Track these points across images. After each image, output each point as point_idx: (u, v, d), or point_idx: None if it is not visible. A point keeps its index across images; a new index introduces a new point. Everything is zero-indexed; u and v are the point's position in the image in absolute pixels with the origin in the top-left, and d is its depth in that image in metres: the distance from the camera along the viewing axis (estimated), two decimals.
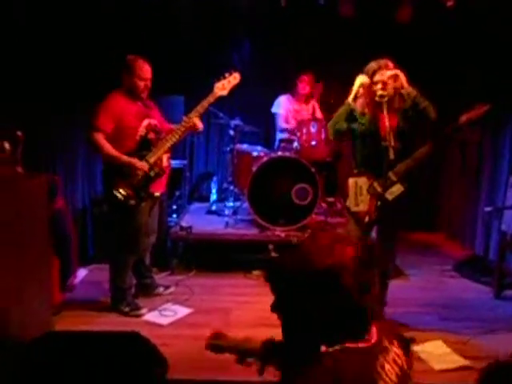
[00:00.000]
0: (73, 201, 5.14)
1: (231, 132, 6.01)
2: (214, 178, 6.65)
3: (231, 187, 6.10)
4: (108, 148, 3.92)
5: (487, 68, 5.57)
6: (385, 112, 3.65)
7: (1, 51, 4.34)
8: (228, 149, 6.16)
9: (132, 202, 4.00)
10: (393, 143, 3.64)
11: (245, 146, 6.11)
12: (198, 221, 5.76)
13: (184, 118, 4.15)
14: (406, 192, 3.76)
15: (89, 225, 5.43)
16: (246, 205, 5.65)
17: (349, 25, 6.07)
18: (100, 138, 3.90)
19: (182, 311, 4.32)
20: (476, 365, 3.33)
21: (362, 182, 3.82)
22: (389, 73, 3.68)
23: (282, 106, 6.24)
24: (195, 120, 4.12)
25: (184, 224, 5.45)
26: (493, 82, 5.39)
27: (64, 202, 4.46)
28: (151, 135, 4.09)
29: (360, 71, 3.81)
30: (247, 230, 5.55)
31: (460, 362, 3.52)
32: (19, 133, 3.50)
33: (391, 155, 3.65)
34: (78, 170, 5.42)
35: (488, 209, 5.15)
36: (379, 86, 3.69)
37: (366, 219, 3.81)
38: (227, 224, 5.64)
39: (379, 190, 3.78)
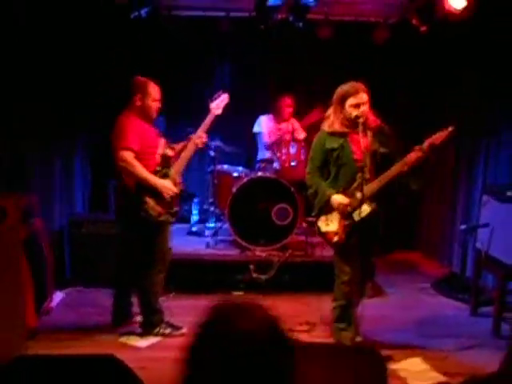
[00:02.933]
0: (49, 221, 5.07)
1: (211, 153, 6.02)
2: (195, 199, 6.62)
3: (212, 208, 6.09)
4: (141, 168, 3.95)
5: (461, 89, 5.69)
6: (360, 133, 3.67)
7: None
8: (209, 169, 6.16)
9: (163, 218, 4.05)
10: (368, 163, 3.68)
11: (225, 167, 6.11)
12: (179, 241, 5.71)
13: (193, 135, 4.23)
14: (375, 212, 3.76)
15: (66, 246, 5.36)
16: (226, 225, 5.65)
17: (328, 47, 6.16)
18: (132, 158, 3.93)
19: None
20: (454, 381, 3.24)
21: (333, 201, 3.80)
22: (365, 96, 3.73)
23: (264, 124, 6.26)
24: (203, 134, 4.24)
25: None
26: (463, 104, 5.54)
27: (41, 223, 4.40)
28: (170, 153, 4.17)
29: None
30: (228, 250, 5.54)
31: (438, 378, 3.55)
32: None
33: (367, 175, 3.69)
34: (56, 189, 5.36)
35: (463, 227, 5.21)
36: (355, 108, 3.71)
37: (335, 239, 3.82)
38: (208, 245, 5.63)
39: (349, 209, 3.78)
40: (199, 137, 4.21)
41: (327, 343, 3.71)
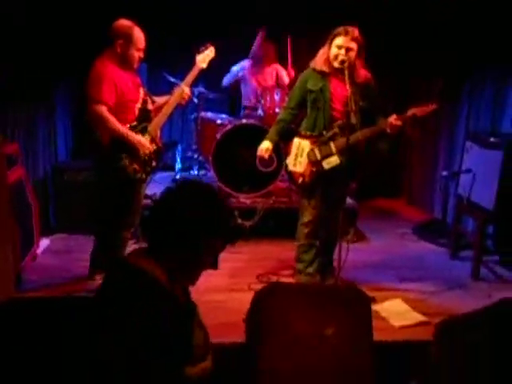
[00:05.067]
0: (34, 170, 5.03)
1: (195, 100, 5.96)
2: (179, 147, 6.59)
3: (196, 155, 6.08)
4: (115, 122, 3.68)
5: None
6: (346, 78, 3.66)
7: None
8: (192, 117, 6.12)
9: (139, 175, 3.88)
10: (354, 107, 3.65)
11: (209, 114, 6.06)
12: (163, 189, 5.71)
13: (175, 89, 4.04)
14: (344, 166, 3.81)
15: (51, 194, 5.34)
16: (210, 173, 5.64)
17: None
18: (105, 112, 3.64)
19: None
20: (434, 321, 3.38)
21: (305, 145, 3.89)
22: (352, 44, 3.68)
23: (242, 68, 6.16)
24: (186, 89, 4.01)
25: (149, 193, 5.40)
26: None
27: (23, 170, 4.37)
28: (149, 106, 3.94)
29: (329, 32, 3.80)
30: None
31: (419, 318, 3.65)
32: None
33: (353, 119, 3.68)
34: (39, 138, 5.28)
35: (445, 173, 5.25)
36: (342, 51, 3.69)
37: (300, 181, 3.92)
38: None
39: (318, 157, 3.86)
40: (182, 91, 3.98)
41: (311, 283, 3.83)
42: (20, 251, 4.08)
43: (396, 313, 3.70)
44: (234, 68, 6.19)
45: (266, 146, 4.02)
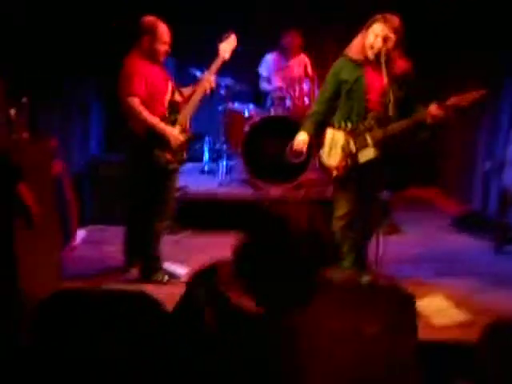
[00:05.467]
0: (69, 162, 5.12)
1: (222, 91, 5.99)
2: (206, 138, 6.64)
3: (224, 147, 6.12)
4: (147, 114, 3.82)
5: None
6: (382, 68, 3.56)
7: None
8: (220, 108, 6.14)
9: (172, 166, 3.98)
10: (391, 98, 3.59)
11: (236, 105, 6.09)
12: (192, 181, 5.80)
13: (201, 79, 4.12)
14: (381, 158, 3.74)
15: (85, 187, 5.43)
16: (239, 164, 5.69)
17: None
18: (137, 104, 3.79)
19: (180, 271, 4.34)
20: (478, 320, 3.26)
21: (339, 136, 3.78)
22: (390, 34, 3.56)
23: (268, 65, 6.20)
24: (211, 78, 4.08)
25: (178, 184, 5.48)
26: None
27: (62, 165, 4.46)
28: (178, 98, 4.04)
29: (357, 28, 3.73)
30: (241, 189, 5.60)
31: (462, 316, 3.47)
32: (24, 99, 3.48)
33: (390, 111, 3.61)
34: (73, 131, 5.39)
35: (488, 164, 5.09)
36: (378, 39, 3.58)
37: (334, 173, 3.83)
38: (221, 183, 5.69)
39: (353, 149, 3.75)
40: (207, 80, 4.05)
41: (347, 279, 3.79)
42: (61, 244, 4.18)
43: (437, 310, 3.53)
44: (268, 57, 6.20)
45: (302, 137, 3.91)
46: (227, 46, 4.12)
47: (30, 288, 3.01)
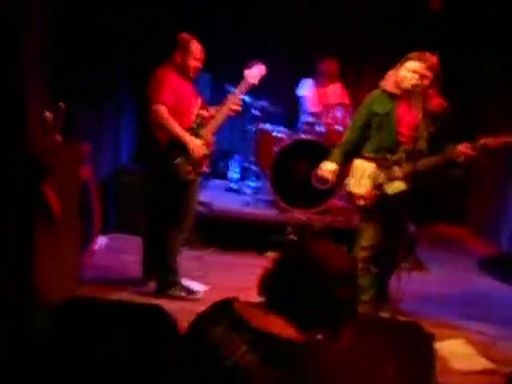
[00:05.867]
0: (98, 169, 5.17)
1: (256, 112, 6.01)
2: (235, 157, 6.65)
3: (253, 166, 6.11)
4: (173, 123, 3.89)
5: None
6: (416, 103, 3.60)
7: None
8: (252, 128, 6.15)
9: (191, 176, 4.02)
10: (423, 133, 3.61)
11: (268, 126, 6.08)
12: (217, 198, 5.80)
13: (227, 99, 4.18)
14: (409, 192, 3.74)
15: (111, 194, 5.45)
16: (266, 185, 5.68)
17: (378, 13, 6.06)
18: (164, 112, 3.86)
19: (197, 288, 4.30)
20: (500, 370, 3.19)
21: (368, 167, 3.82)
22: (427, 71, 3.61)
23: (308, 88, 6.22)
24: (236, 99, 4.15)
25: (203, 200, 5.48)
26: None
27: (90, 171, 4.48)
28: (204, 113, 4.11)
29: (393, 61, 3.78)
30: (267, 210, 5.57)
31: (484, 364, 3.37)
32: (61, 104, 3.54)
33: (421, 145, 3.64)
34: (106, 138, 5.45)
35: None
36: (415, 75, 3.63)
37: (361, 203, 3.83)
38: (247, 203, 5.68)
39: (382, 180, 3.77)
40: (233, 103, 4.13)
41: (367, 314, 3.66)
42: (80, 249, 4.18)
43: (459, 355, 3.42)
44: (305, 81, 6.24)
45: (331, 167, 3.95)
46: (253, 73, 4.18)
47: (46, 290, 3.01)
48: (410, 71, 3.65)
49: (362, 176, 3.84)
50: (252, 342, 1.47)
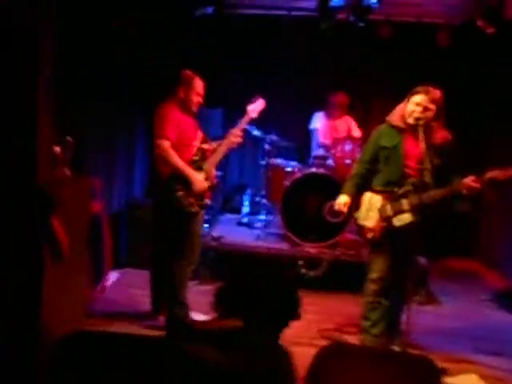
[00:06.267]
0: (110, 203, 5.22)
1: (267, 146, 6.08)
2: (248, 191, 6.69)
3: (264, 200, 6.13)
4: (175, 157, 4.00)
5: None
6: (420, 136, 3.65)
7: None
8: (263, 162, 6.21)
9: (194, 209, 4.08)
10: (428, 166, 3.65)
11: (279, 161, 6.13)
12: (229, 232, 5.82)
13: (229, 133, 4.28)
14: (417, 224, 3.75)
15: (123, 228, 5.50)
16: (277, 219, 5.69)
17: (387, 47, 6.14)
18: (167, 146, 3.98)
19: None
20: None
21: (377, 200, 3.85)
22: (431, 105, 3.67)
23: (318, 121, 6.30)
24: (237, 133, 4.25)
25: (215, 234, 5.50)
26: None
27: (102, 206, 4.53)
28: (206, 146, 4.21)
29: (401, 93, 3.83)
30: (278, 244, 5.57)
31: None
32: (69, 138, 3.63)
33: (427, 178, 3.67)
34: (119, 172, 5.52)
35: None
36: (418, 108, 3.69)
37: (369, 236, 3.86)
38: (258, 237, 5.69)
39: (390, 213, 3.79)
40: (235, 135, 4.24)
41: (377, 348, 3.64)
42: (91, 283, 4.22)
43: None
44: (317, 114, 6.34)
45: (344, 200, 3.99)
46: (254, 107, 4.33)
47: (53, 323, 3.01)
48: (414, 105, 3.71)
49: (371, 209, 3.88)
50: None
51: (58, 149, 3.46)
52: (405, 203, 3.76)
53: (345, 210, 4.00)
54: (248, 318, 1.95)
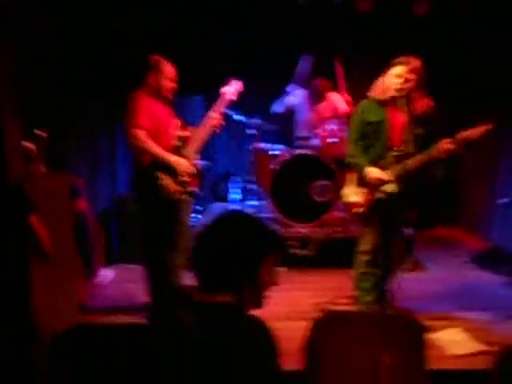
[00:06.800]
0: (96, 202, 5.22)
1: (252, 131, 6.07)
2: (235, 178, 6.69)
3: (253, 186, 6.14)
4: (154, 145, 3.89)
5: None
6: (402, 107, 3.70)
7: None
8: (248, 148, 6.21)
9: (179, 195, 4.00)
10: (409, 136, 3.70)
11: (262, 145, 6.13)
12: None
13: (208, 116, 4.17)
14: (400, 193, 3.79)
15: (113, 225, 5.51)
16: (268, 203, 5.71)
17: (366, 19, 6.10)
18: (143, 136, 3.86)
19: None
20: (496, 350, 3.31)
21: (364, 174, 3.84)
22: (411, 76, 3.69)
23: (301, 99, 6.20)
24: (215, 117, 4.15)
25: (204, 223, 5.51)
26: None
27: (86, 204, 4.53)
28: (184, 133, 4.12)
29: (380, 65, 3.84)
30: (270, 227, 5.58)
31: (478, 347, 3.54)
32: (42, 133, 3.55)
33: (408, 148, 3.72)
34: (102, 170, 5.52)
35: (503, 200, 5.21)
36: (399, 80, 3.71)
37: (357, 210, 3.90)
38: None
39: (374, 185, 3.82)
40: (213, 118, 4.13)
41: (365, 312, 3.77)
42: (83, 281, 4.23)
43: (455, 342, 3.63)
44: (290, 98, 6.26)
45: (375, 170, 3.81)
46: (229, 89, 4.22)
47: (46, 321, 3.03)
48: (394, 76, 3.73)
49: (360, 184, 3.89)
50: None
51: (31, 145, 3.38)
52: (388, 174, 3.79)
53: (388, 177, 3.81)
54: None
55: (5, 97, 2.65)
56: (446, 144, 3.64)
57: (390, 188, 3.80)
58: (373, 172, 3.80)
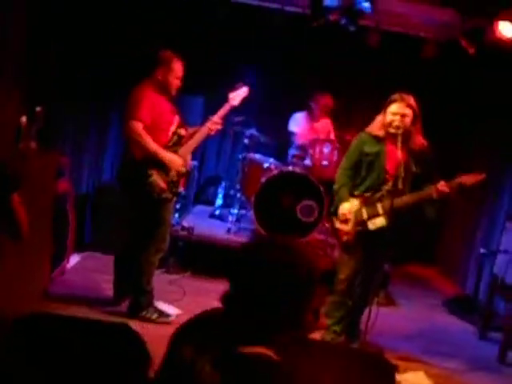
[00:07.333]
0: (76, 185, 5.12)
1: (246, 140, 6.05)
2: (222, 183, 6.65)
3: (238, 194, 6.10)
4: (149, 140, 3.85)
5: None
6: (399, 144, 3.71)
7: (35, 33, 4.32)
8: (240, 156, 6.17)
9: (165, 195, 3.96)
10: (403, 174, 3.73)
11: (257, 156, 6.10)
12: (201, 223, 5.78)
13: (209, 119, 4.17)
14: (390, 228, 3.80)
15: (88, 212, 5.41)
16: (250, 214, 5.67)
17: (373, 55, 6.13)
18: (140, 129, 3.83)
19: (171, 311, 4.24)
20: None
21: (354, 203, 3.88)
22: (407, 110, 3.74)
23: (298, 123, 6.28)
24: (215, 121, 4.13)
25: (186, 224, 5.45)
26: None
27: (69, 185, 4.44)
28: (182, 132, 4.09)
29: (379, 101, 3.90)
30: (247, 238, 5.54)
31: None
32: (38, 109, 3.45)
33: (399, 184, 3.74)
34: (88, 155, 5.42)
35: (483, 250, 5.26)
36: (396, 117, 3.76)
37: (344, 239, 3.90)
38: (229, 230, 5.65)
39: (365, 217, 3.86)
40: (214, 123, 4.12)
41: (339, 344, 3.79)
42: (49, 265, 4.11)
43: None
44: (297, 115, 6.30)
45: (347, 207, 3.88)
46: (237, 94, 4.21)
47: (9, 304, 2.93)
48: (391, 113, 3.78)
49: (349, 212, 3.89)
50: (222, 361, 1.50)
51: (23, 119, 3.27)
52: (379, 207, 3.84)
53: (350, 216, 3.88)
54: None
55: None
56: (442, 186, 3.71)
57: (380, 222, 3.83)
58: (343, 207, 3.86)
